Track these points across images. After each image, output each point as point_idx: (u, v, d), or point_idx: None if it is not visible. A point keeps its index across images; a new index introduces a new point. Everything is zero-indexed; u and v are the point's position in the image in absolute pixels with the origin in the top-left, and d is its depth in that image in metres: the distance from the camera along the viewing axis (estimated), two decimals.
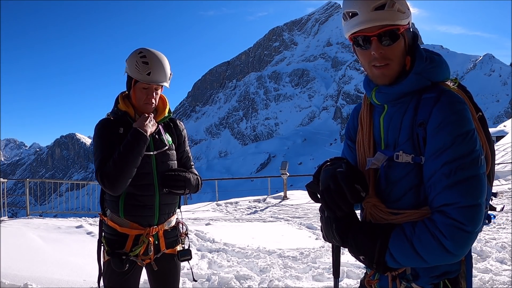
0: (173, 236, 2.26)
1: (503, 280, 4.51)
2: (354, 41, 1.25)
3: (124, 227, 2.11)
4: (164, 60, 2.13)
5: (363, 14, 1.18)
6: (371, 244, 1.13)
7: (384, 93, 1.25)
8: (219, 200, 13.54)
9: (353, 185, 1.15)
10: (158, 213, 2.16)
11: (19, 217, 10.36)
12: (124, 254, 2.06)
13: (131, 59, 2.10)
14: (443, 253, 1.07)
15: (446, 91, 1.17)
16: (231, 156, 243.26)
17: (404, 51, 1.23)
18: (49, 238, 6.23)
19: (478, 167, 1.09)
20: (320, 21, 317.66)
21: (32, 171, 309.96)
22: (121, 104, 2.16)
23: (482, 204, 1.09)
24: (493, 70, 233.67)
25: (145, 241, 2.11)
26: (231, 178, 29.01)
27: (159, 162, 2.17)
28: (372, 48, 1.20)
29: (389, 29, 1.18)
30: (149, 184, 2.13)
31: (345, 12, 1.23)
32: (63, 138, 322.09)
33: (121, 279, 2.10)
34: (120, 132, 2.10)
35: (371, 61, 1.23)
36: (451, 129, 1.10)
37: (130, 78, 2.14)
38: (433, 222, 1.08)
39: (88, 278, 4.26)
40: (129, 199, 2.10)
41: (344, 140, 1.54)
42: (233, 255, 5.91)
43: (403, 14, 1.20)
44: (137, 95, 2.12)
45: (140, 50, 2.10)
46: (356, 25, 1.20)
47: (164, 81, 2.13)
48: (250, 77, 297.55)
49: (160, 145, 2.20)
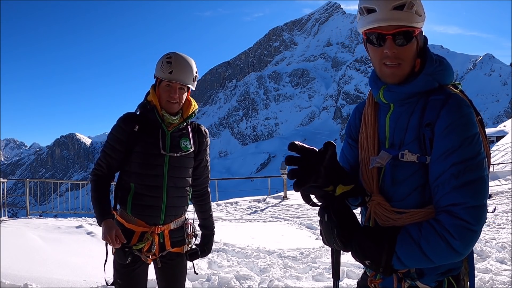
0: (179, 236, 2.28)
1: (503, 280, 4.52)
2: (368, 37, 1.26)
3: (130, 223, 2.16)
4: (190, 61, 2.16)
5: (382, 11, 1.18)
6: (378, 249, 1.12)
7: (393, 92, 1.26)
8: (219, 200, 13.55)
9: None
10: (164, 214, 2.18)
11: (19, 217, 10.35)
12: (128, 247, 2.10)
13: (159, 61, 2.17)
14: (451, 253, 1.08)
15: (453, 94, 1.19)
16: (231, 156, 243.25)
17: (416, 53, 1.25)
18: (49, 238, 6.23)
19: (483, 168, 1.12)
20: (320, 21, 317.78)
21: (32, 171, 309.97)
22: (150, 95, 2.18)
23: (486, 204, 1.11)
24: (493, 70, 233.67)
25: (149, 238, 2.15)
26: (231, 178, 29.03)
27: (171, 166, 2.17)
28: (386, 46, 1.20)
29: (405, 29, 1.19)
30: (158, 186, 2.15)
31: (363, 7, 1.23)
32: (63, 138, 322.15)
33: (128, 272, 2.15)
34: (134, 130, 2.13)
35: (382, 59, 1.23)
36: (460, 132, 1.12)
37: (156, 78, 2.19)
38: (440, 223, 1.09)
39: (88, 278, 4.26)
40: (136, 199, 2.14)
41: (345, 138, 1.53)
42: (233, 255, 5.91)
43: (420, 17, 1.21)
44: (160, 93, 2.16)
45: (168, 53, 2.18)
46: (373, 22, 1.20)
47: (187, 81, 2.15)
48: (250, 77, 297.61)
49: (177, 148, 2.19)
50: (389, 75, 1.25)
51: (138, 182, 2.14)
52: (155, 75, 2.18)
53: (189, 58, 2.17)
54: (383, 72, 1.26)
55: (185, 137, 2.24)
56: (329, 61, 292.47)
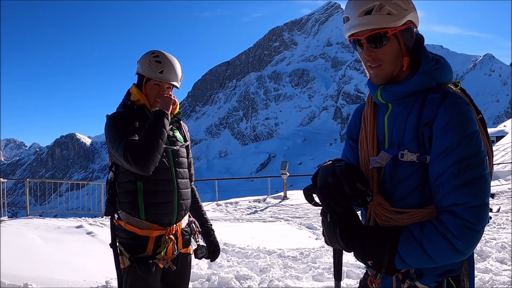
0: (187, 234, 2.27)
1: (503, 280, 4.52)
2: (352, 43, 1.31)
3: (144, 229, 2.05)
4: (176, 62, 2.19)
5: (353, 19, 1.24)
6: (380, 249, 1.12)
7: (389, 91, 1.27)
8: (219, 200, 13.54)
9: (351, 179, 1.15)
10: (177, 210, 2.14)
11: (19, 217, 10.36)
12: (150, 258, 2.03)
13: (143, 58, 2.14)
14: (453, 253, 1.08)
15: (451, 92, 1.19)
16: (231, 156, 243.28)
17: (399, 52, 1.25)
18: (49, 238, 6.23)
19: (484, 167, 1.12)
20: (320, 21, 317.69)
21: (32, 171, 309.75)
22: (134, 95, 2.13)
23: (488, 204, 1.11)
24: (493, 70, 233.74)
25: (168, 241, 2.08)
26: (231, 178, 29.04)
27: (175, 158, 2.18)
28: (363, 50, 1.26)
29: (375, 32, 1.22)
30: (168, 179, 2.11)
31: (344, 16, 1.30)
32: (63, 138, 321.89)
33: (145, 282, 2.04)
34: (136, 126, 2.04)
35: (366, 62, 1.29)
36: (458, 129, 1.12)
37: (141, 78, 2.16)
38: (442, 223, 1.09)
39: (88, 278, 4.26)
40: (148, 197, 2.05)
41: (345, 139, 1.54)
42: (233, 255, 5.91)
43: (394, 16, 1.21)
44: (148, 92, 2.15)
45: (153, 51, 2.16)
46: (348, 29, 1.27)
47: (175, 81, 2.17)
48: (250, 77, 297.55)
49: (175, 141, 2.21)
50: (373, 76, 1.30)
51: (148, 179, 2.02)
52: (141, 73, 2.14)
53: (174, 58, 2.19)
54: (369, 73, 1.31)
55: (177, 130, 2.27)
56: (329, 61, 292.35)
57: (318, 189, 1.19)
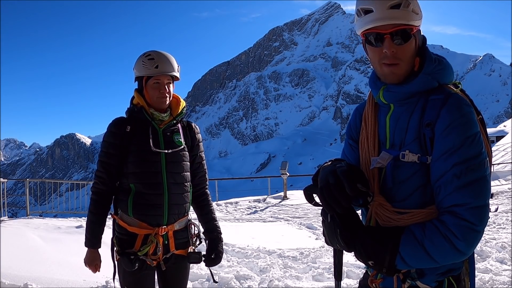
0: (184, 237, 2.24)
1: (503, 280, 4.52)
2: (366, 38, 1.26)
3: (133, 227, 2.11)
4: (169, 55, 2.19)
5: (379, 11, 1.19)
6: (381, 249, 1.12)
7: (392, 92, 1.26)
8: (219, 200, 13.53)
9: (353, 180, 1.14)
10: (167, 213, 2.14)
11: (19, 217, 10.35)
12: (133, 254, 2.07)
13: (137, 61, 2.16)
14: (455, 253, 1.09)
15: (453, 93, 1.19)
16: (231, 156, 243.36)
17: (414, 52, 1.25)
18: (49, 238, 6.23)
19: (485, 168, 1.12)
20: (320, 21, 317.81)
21: (32, 171, 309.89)
22: (136, 98, 2.19)
23: (488, 204, 1.12)
24: (493, 70, 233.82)
25: (153, 240, 2.10)
26: (231, 178, 29.06)
27: (169, 162, 2.16)
28: (385, 46, 1.21)
29: (402, 28, 1.19)
30: (158, 183, 2.12)
31: (360, 8, 1.24)
32: (63, 138, 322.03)
33: (135, 278, 2.12)
34: (127, 131, 2.13)
35: (381, 59, 1.24)
36: (461, 131, 1.12)
37: (140, 80, 2.18)
38: (443, 224, 1.09)
39: (88, 278, 4.26)
40: (137, 198, 2.10)
41: (345, 139, 1.53)
42: (233, 255, 5.91)
43: (417, 15, 1.22)
44: (149, 92, 2.15)
45: (144, 52, 2.18)
46: (370, 22, 1.21)
47: (173, 71, 2.16)
48: (250, 77, 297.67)
49: (171, 144, 2.19)
50: (389, 75, 1.25)
51: (137, 181, 2.10)
52: (139, 75, 2.16)
53: (166, 53, 2.20)
54: (383, 72, 1.26)
55: (176, 133, 2.24)
56: (329, 61, 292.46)
57: (319, 189, 1.18)
